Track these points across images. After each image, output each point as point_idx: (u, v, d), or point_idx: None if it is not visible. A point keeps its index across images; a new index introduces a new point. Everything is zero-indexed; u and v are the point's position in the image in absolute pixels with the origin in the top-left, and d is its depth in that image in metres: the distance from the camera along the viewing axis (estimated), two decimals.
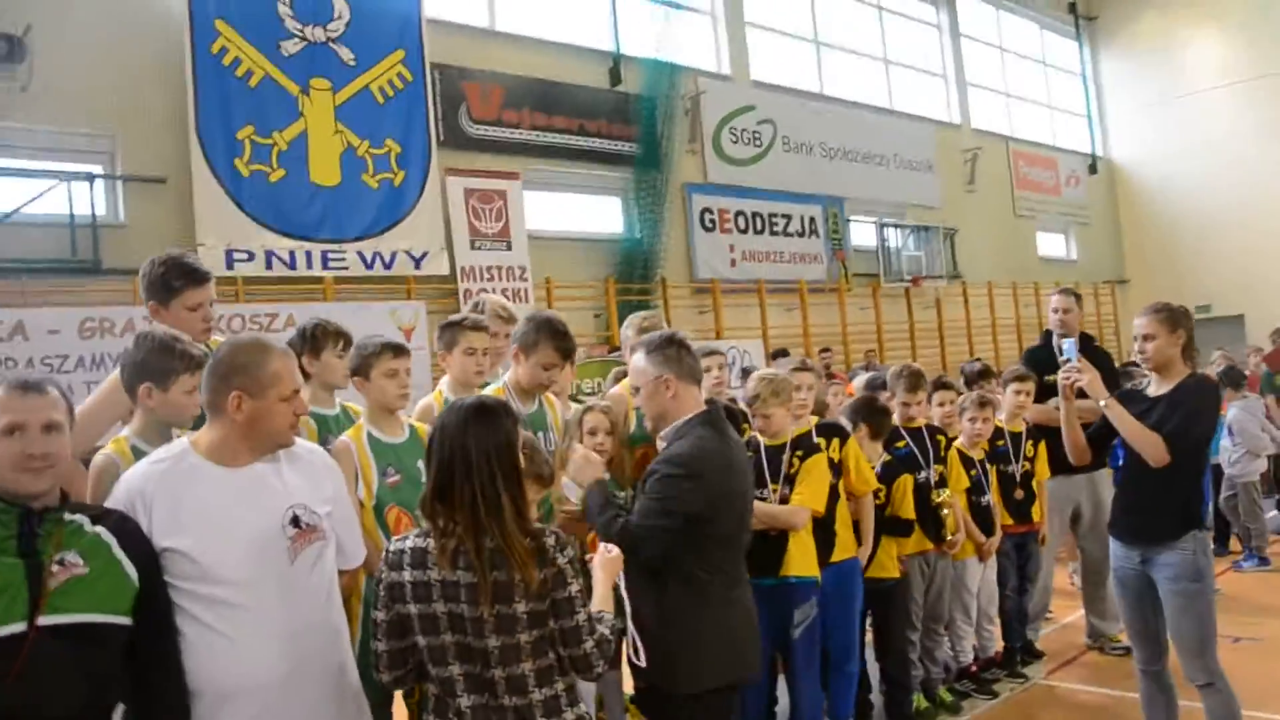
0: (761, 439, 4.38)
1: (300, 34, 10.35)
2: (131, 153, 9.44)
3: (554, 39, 12.85)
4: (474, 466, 2.31)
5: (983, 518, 5.37)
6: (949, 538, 5.08)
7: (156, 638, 2.30)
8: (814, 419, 4.67)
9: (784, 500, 4.22)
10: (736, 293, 14.46)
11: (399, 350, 3.73)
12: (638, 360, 3.19)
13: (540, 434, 3.86)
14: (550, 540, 2.32)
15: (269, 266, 9.84)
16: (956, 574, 5.27)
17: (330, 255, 10.29)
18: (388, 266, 10.67)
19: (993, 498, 5.44)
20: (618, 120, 13.26)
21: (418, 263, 10.94)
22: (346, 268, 10.35)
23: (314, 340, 3.94)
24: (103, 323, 8.49)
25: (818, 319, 15.38)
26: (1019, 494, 5.59)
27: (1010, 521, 5.54)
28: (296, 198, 10.14)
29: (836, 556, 4.45)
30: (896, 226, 16.84)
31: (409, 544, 2.38)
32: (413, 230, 10.97)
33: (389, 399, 3.65)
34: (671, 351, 3.16)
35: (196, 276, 3.64)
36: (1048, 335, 6.20)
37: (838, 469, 4.56)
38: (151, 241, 9.38)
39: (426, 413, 4.04)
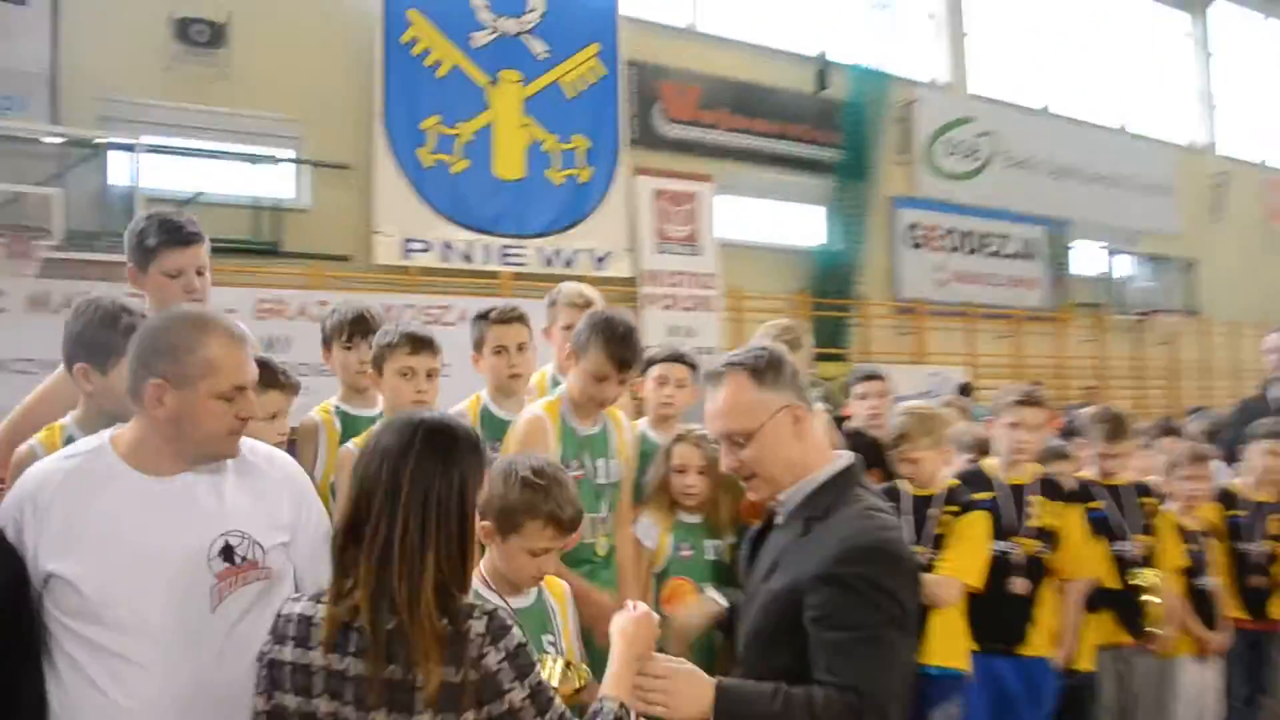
0: (907, 488, 3.56)
1: (492, 25, 10.15)
2: (319, 138, 9.42)
3: (757, 41, 12.22)
4: (400, 503, 1.64)
5: (1203, 606, 4.17)
6: (1153, 630, 3.95)
7: None
8: (1033, 467, 3.81)
9: (928, 568, 3.41)
10: (942, 315, 13.33)
11: (420, 344, 3.11)
12: (737, 387, 2.08)
13: (600, 461, 3.26)
14: (479, 625, 1.61)
15: (445, 259, 9.60)
16: (1162, 675, 4.09)
17: (509, 250, 9.97)
18: (568, 265, 10.26)
19: (1220, 581, 4.24)
20: (821, 126, 12.47)
21: (599, 263, 10.49)
22: (525, 264, 10.00)
23: (324, 330, 3.49)
24: (277, 304, 8.41)
25: (1032, 350, 14.01)
26: (1258, 580, 4.36)
27: (1244, 615, 4.32)
28: (478, 190, 9.88)
29: (1030, 649, 3.61)
30: (1128, 254, 15.22)
31: (299, 607, 1.72)
32: (596, 229, 10.54)
33: (400, 403, 3.03)
34: (789, 370, 2.09)
35: (178, 235, 3.04)
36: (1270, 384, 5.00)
37: (1047, 536, 3.68)
38: (332, 226, 9.37)
39: None
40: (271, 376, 2.88)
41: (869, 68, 12.86)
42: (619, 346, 3.13)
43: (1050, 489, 3.77)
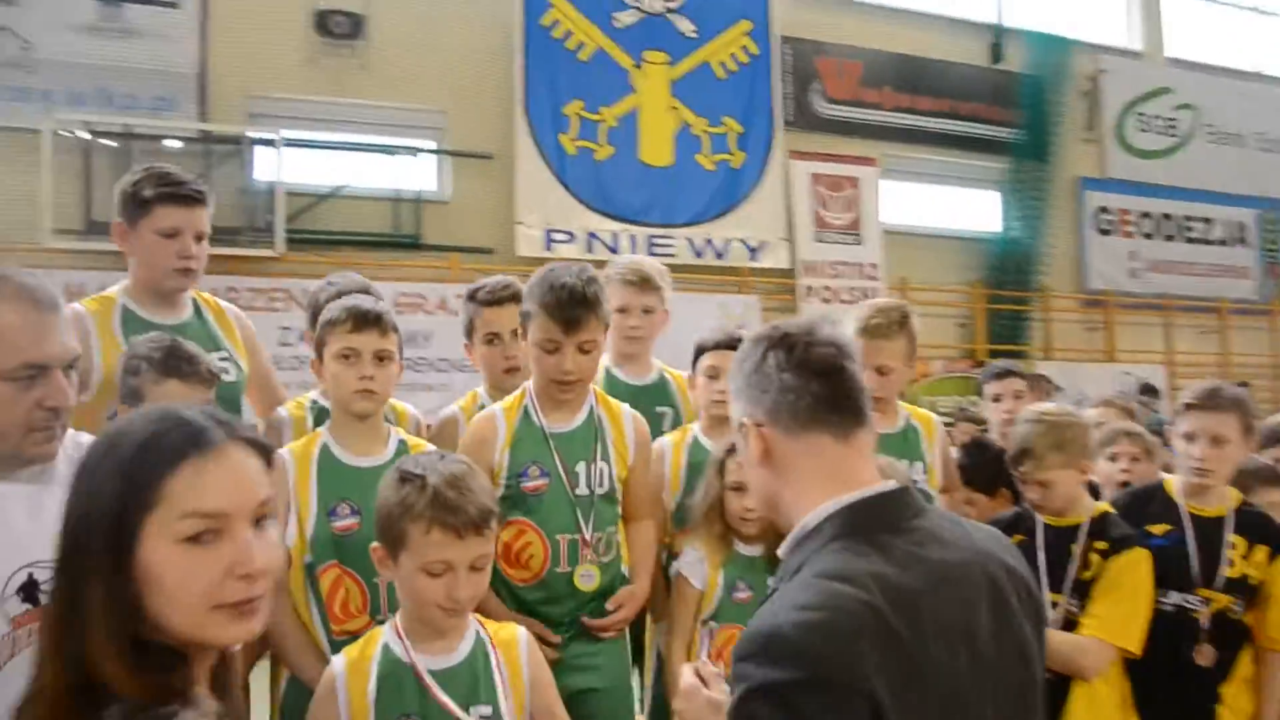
0: (1041, 518, 2.82)
1: (636, 5, 9.68)
2: (460, 129, 9.18)
3: (924, 9, 11.31)
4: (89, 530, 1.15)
5: None
6: None
7: None
8: (1234, 496, 2.96)
9: (1069, 624, 2.65)
10: (1136, 309, 12.06)
11: (365, 320, 2.51)
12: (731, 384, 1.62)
13: (580, 465, 2.72)
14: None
15: (589, 249, 9.18)
16: None
17: (656, 241, 9.47)
18: (720, 256, 9.69)
19: None
20: (997, 102, 11.46)
21: (754, 253, 9.87)
22: (674, 255, 9.47)
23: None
24: (417, 298, 8.25)
25: (1241, 347, 12.55)
26: None
27: None
28: (623, 178, 9.43)
29: None
30: None
31: None
32: (750, 218, 9.92)
33: (341, 394, 2.52)
34: (761, 371, 1.53)
35: (180, 190, 2.72)
36: None
37: (1245, 588, 2.82)
38: (473, 218, 9.10)
39: (448, 428, 3.03)
40: (174, 364, 2.46)
41: (1050, 35, 11.74)
42: (561, 297, 2.57)
43: (1252, 525, 2.88)
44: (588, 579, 2.67)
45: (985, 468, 3.41)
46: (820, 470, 1.48)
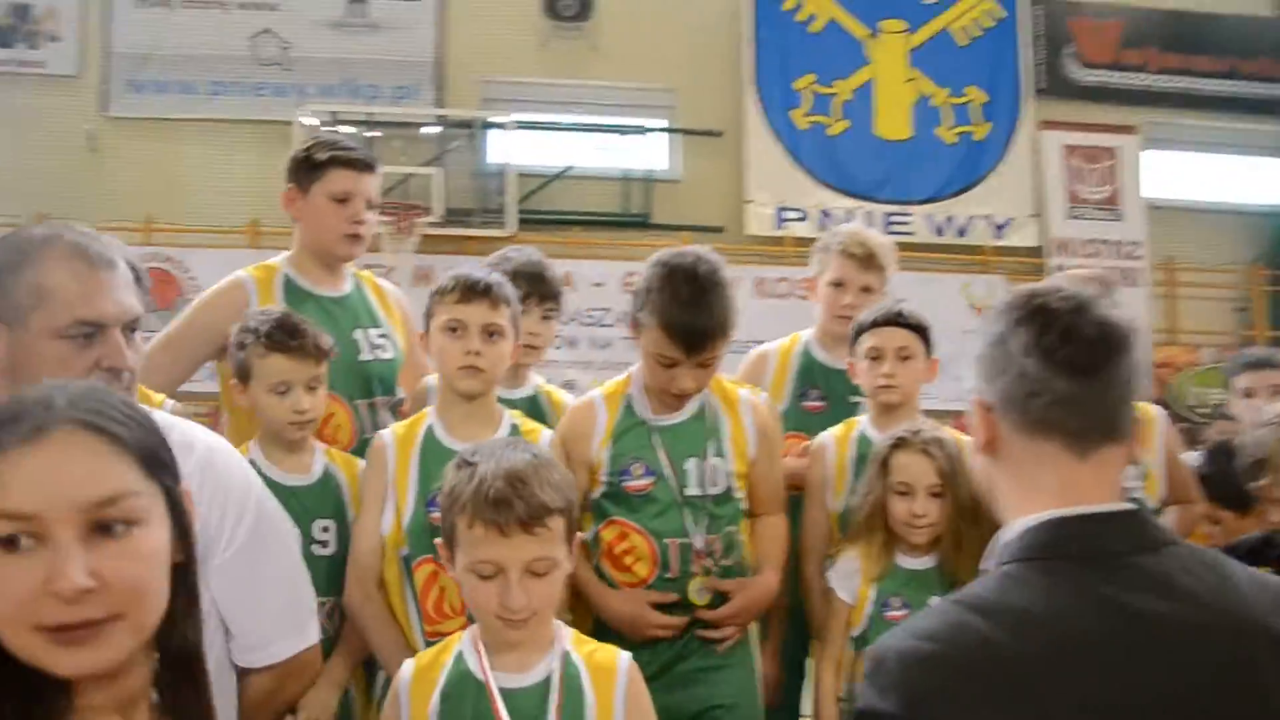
0: None
1: None
2: (689, 106, 9.04)
3: None
4: None
5: None
6: None
7: None
8: None
9: None
10: None
11: (473, 290, 2.26)
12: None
13: (690, 462, 2.43)
14: None
15: (822, 227, 8.73)
16: None
17: (893, 219, 8.97)
18: (961, 234, 9.10)
19: None
20: None
21: (999, 231, 9.21)
22: (912, 234, 8.94)
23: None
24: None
25: None
26: None
27: None
28: (858, 153, 9.00)
29: None
30: None
31: None
32: (995, 193, 9.26)
33: (447, 369, 2.30)
34: (1015, 344, 1.22)
35: (352, 155, 2.69)
36: None
37: None
38: (702, 196, 8.92)
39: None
40: (280, 337, 2.35)
41: None
42: (684, 314, 2.27)
43: None
44: (703, 594, 2.41)
45: (1232, 478, 2.75)
46: (1045, 481, 1.21)
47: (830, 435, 2.78)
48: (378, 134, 8.11)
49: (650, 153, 8.95)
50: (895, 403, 2.67)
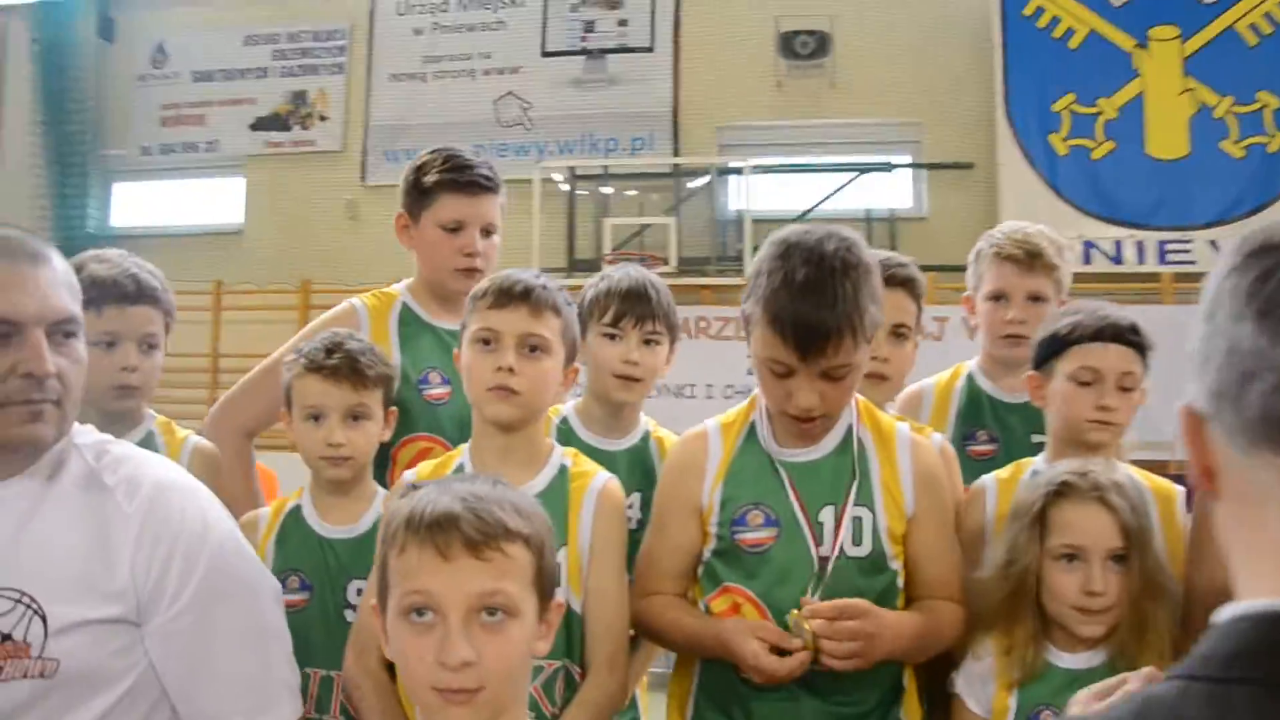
0: None
1: None
2: (936, 140, 8.58)
3: None
4: None
5: None
6: None
7: None
8: None
9: None
10: None
11: (509, 294, 1.87)
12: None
13: (826, 511, 1.86)
14: None
15: (1087, 260, 8.07)
16: None
17: (1170, 246, 8.11)
18: None
19: None
20: None
21: None
22: (1193, 262, 8.03)
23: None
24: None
25: None
26: None
27: None
28: (1128, 176, 8.20)
29: None
30: None
31: None
32: None
33: (474, 392, 1.91)
34: (1228, 308, 0.74)
35: (465, 176, 2.32)
36: None
37: None
38: (952, 233, 8.37)
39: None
40: (318, 358, 2.06)
41: None
42: (798, 301, 1.72)
43: None
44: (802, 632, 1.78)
45: None
46: (1270, 530, 0.74)
47: (993, 478, 2.12)
48: (611, 189, 8.19)
49: (895, 190, 8.57)
50: (1105, 444, 2.04)
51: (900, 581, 1.89)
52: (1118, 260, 8.15)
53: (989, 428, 2.49)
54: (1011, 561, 1.83)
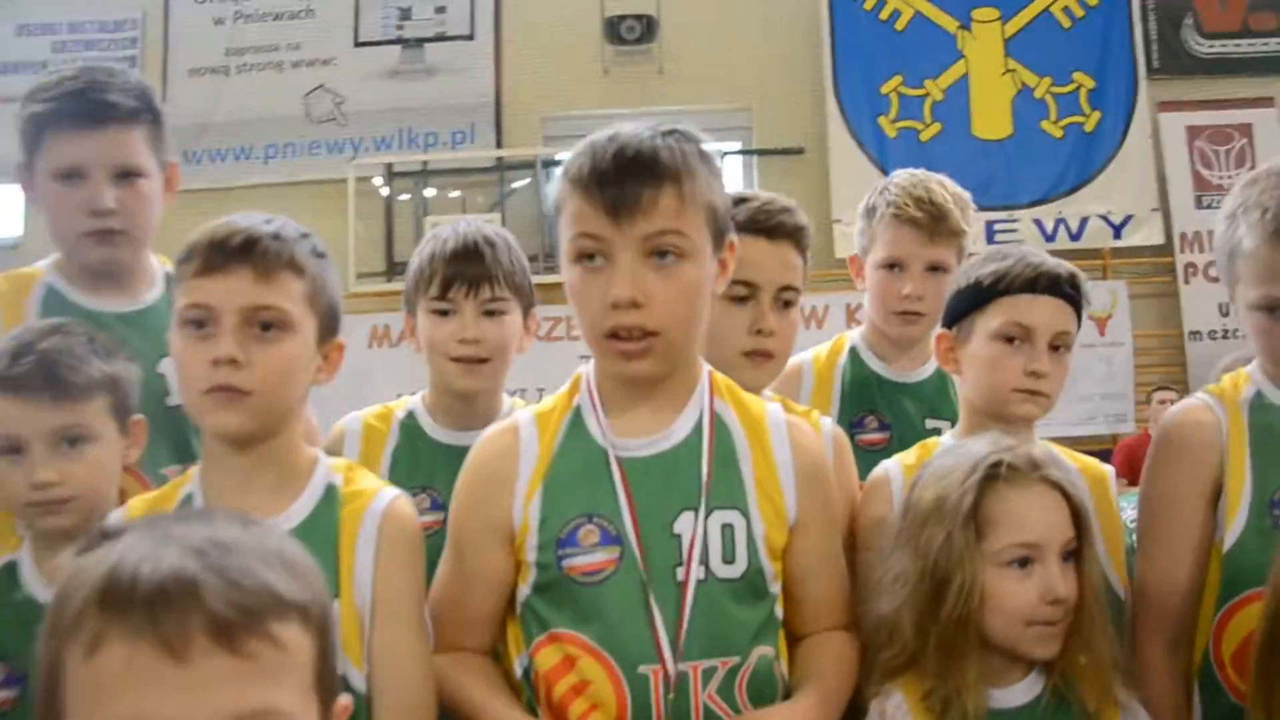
0: None
1: None
2: (766, 125, 8.43)
3: None
4: None
5: None
6: None
7: None
8: None
9: None
10: None
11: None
12: None
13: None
14: None
15: None
16: None
17: (998, 226, 8.20)
18: (1075, 237, 8.24)
19: None
20: None
21: (1117, 231, 8.33)
22: (1020, 241, 8.08)
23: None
24: None
25: None
26: None
27: None
28: (955, 157, 8.17)
29: None
30: None
31: None
32: (1111, 188, 8.39)
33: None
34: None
35: (81, 105, 1.74)
36: None
37: None
38: None
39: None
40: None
41: None
42: (604, 154, 1.39)
43: None
44: None
45: None
46: None
47: (897, 464, 1.76)
48: (434, 190, 7.76)
49: (727, 177, 8.36)
50: (1031, 418, 1.71)
51: (779, 610, 1.47)
52: None
53: (879, 412, 2.16)
54: (942, 580, 1.40)
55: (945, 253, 2.09)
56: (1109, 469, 1.80)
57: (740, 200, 1.78)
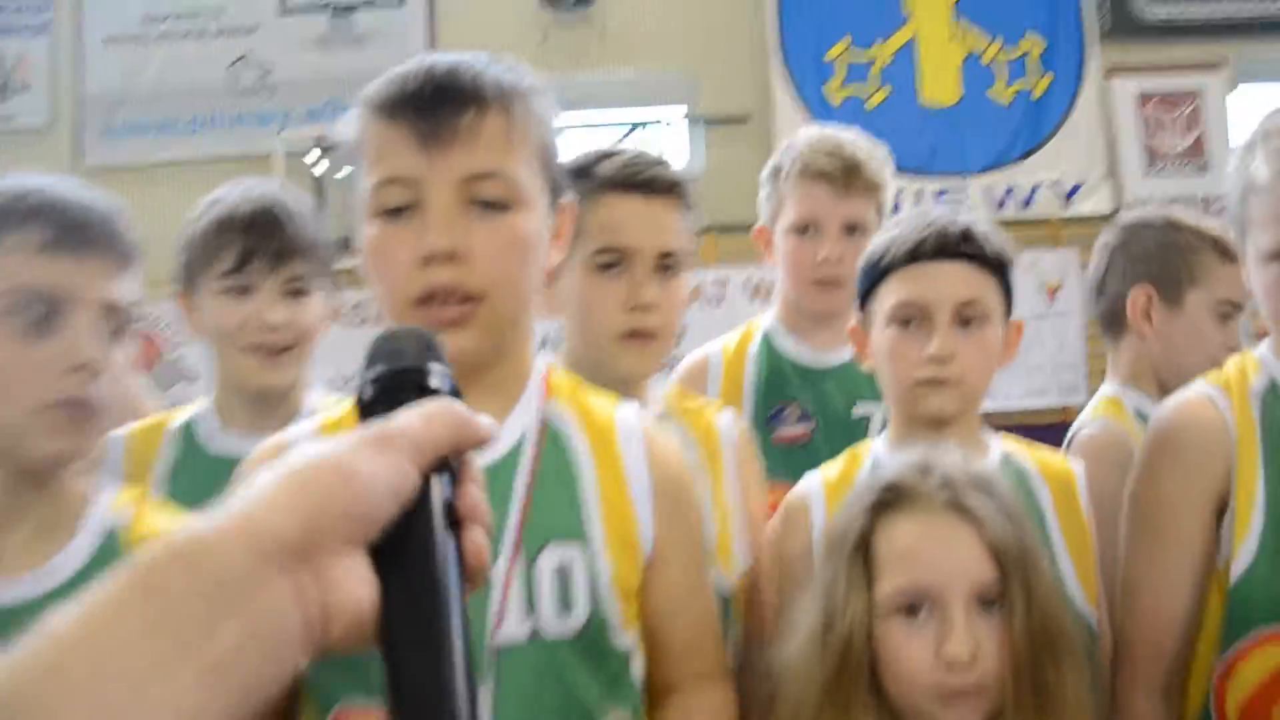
0: None
1: None
2: (711, 92, 8.21)
3: None
4: None
5: None
6: None
7: None
8: None
9: None
10: None
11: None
12: None
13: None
14: None
15: None
16: None
17: (948, 194, 8.04)
18: (1026, 205, 8.13)
19: None
20: None
21: (1068, 198, 8.21)
22: (970, 210, 8.01)
23: None
24: None
25: None
26: None
27: None
28: (903, 124, 8.03)
29: None
30: None
31: None
32: (1061, 155, 8.26)
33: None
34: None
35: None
36: None
37: None
38: (728, 190, 7.97)
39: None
40: None
41: None
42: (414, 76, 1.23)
43: None
44: None
45: None
46: None
47: (819, 482, 1.57)
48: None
49: (669, 146, 8.13)
50: (950, 412, 1.48)
51: (638, 666, 1.24)
52: (896, 209, 7.92)
53: (798, 402, 1.99)
54: (828, 623, 1.20)
55: (862, 208, 1.97)
56: (1077, 468, 1.56)
57: (605, 155, 1.56)
